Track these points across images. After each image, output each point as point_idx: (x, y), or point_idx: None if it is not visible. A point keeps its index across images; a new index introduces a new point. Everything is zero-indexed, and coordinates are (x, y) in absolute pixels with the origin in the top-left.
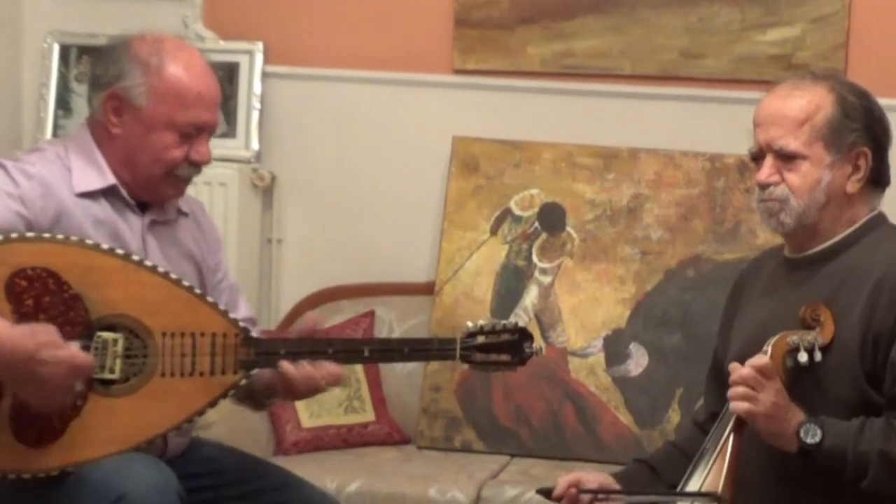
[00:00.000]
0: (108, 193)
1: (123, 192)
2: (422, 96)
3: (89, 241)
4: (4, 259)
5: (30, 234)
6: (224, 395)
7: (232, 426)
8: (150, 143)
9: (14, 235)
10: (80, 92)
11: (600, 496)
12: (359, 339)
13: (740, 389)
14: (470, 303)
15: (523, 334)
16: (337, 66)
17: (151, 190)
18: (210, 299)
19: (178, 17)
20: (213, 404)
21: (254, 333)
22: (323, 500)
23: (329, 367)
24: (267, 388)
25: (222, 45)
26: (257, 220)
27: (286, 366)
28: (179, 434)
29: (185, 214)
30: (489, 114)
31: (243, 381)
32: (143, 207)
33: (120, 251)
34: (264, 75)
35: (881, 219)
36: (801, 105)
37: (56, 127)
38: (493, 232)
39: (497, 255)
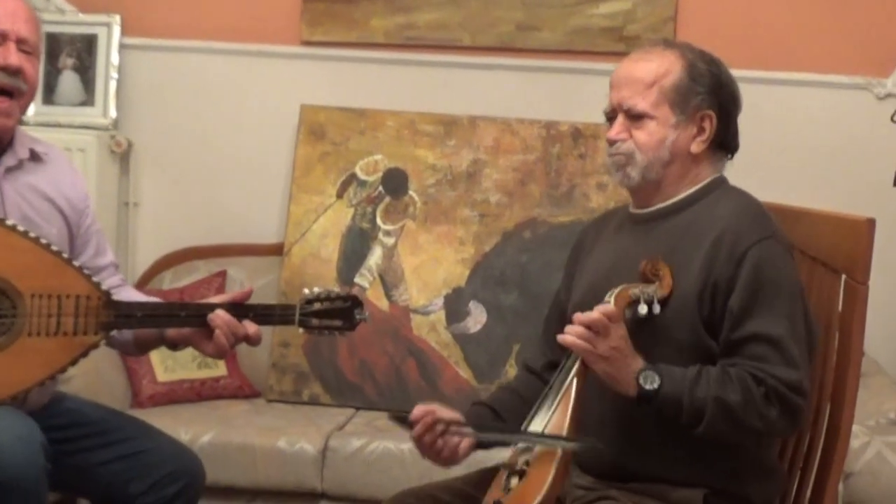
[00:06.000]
0: None
1: None
2: (271, 66)
3: None
4: None
5: None
6: (84, 354)
7: (91, 380)
8: None
9: None
10: None
11: (452, 428)
12: (209, 304)
13: (579, 329)
14: (317, 263)
15: (354, 302)
16: (191, 38)
17: None
18: (76, 263)
19: None
20: (74, 363)
21: (114, 296)
22: (178, 450)
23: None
24: (179, 337)
25: (81, 18)
26: (115, 185)
27: (218, 316)
28: (41, 390)
29: (41, 160)
30: (335, 83)
31: (102, 342)
32: None
33: None
34: (122, 47)
35: (722, 181)
36: (650, 68)
37: None
38: (340, 196)
39: (343, 218)
